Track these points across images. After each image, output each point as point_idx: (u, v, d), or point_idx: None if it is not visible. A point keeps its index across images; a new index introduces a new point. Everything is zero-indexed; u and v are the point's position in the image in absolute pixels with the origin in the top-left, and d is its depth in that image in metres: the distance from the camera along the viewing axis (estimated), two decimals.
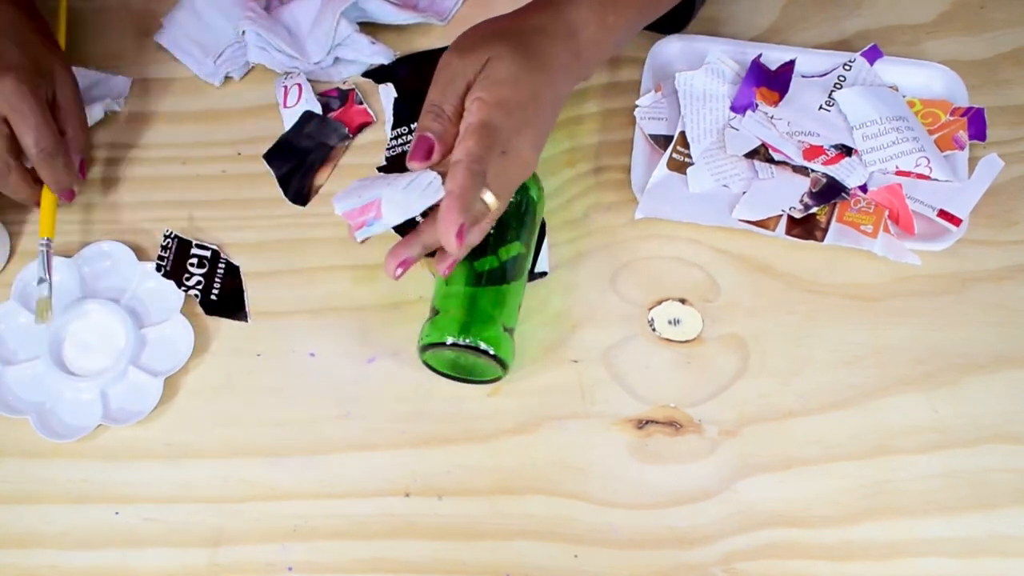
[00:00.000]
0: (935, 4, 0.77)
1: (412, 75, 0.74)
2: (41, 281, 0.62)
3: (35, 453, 0.61)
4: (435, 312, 0.60)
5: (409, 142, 0.71)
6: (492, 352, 0.58)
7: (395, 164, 0.70)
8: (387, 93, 0.73)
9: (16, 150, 0.62)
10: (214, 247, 0.67)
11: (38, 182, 0.64)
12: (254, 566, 0.58)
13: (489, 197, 0.55)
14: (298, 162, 0.70)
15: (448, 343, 0.58)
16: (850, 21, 0.76)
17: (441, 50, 0.75)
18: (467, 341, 0.57)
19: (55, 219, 0.65)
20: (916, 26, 0.76)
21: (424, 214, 0.56)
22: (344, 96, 0.72)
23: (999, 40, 0.75)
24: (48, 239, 0.64)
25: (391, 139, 0.71)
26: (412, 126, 0.72)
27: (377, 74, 0.74)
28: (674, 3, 0.67)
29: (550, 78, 0.57)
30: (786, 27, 0.76)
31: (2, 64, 0.59)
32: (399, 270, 0.57)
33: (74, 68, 0.74)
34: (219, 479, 0.61)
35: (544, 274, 0.65)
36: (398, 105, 0.72)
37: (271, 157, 0.70)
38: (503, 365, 0.59)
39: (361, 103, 0.72)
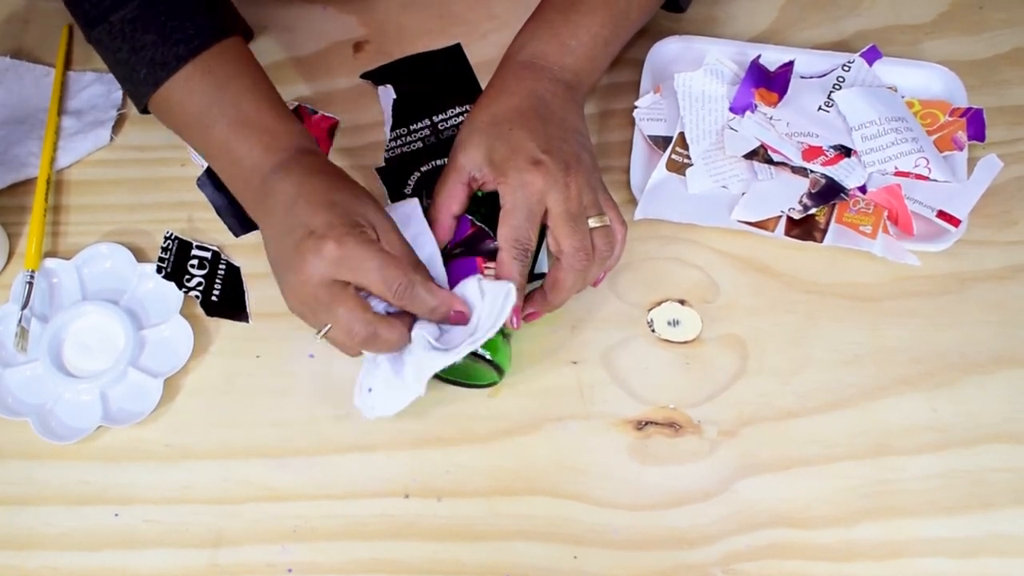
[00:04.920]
0: (934, 4, 0.77)
1: (411, 76, 0.74)
2: (22, 311, 0.63)
3: (35, 455, 0.61)
4: None
5: (408, 143, 0.71)
6: (488, 357, 0.58)
7: (394, 165, 0.70)
8: (386, 94, 0.73)
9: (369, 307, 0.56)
10: (215, 248, 0.67)
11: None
12: (254, 567, 0.58)
13: (594, 221, 0.59)
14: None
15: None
16: (849, 21, 0.76)
17: (441, 50, 0.75)
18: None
19: (41, 251, 0.66)
20: (915, 26, 0.76)
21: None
22: (296, 115, 0.70)
23: (998, 40, 0.75)
24: (32, 271, 0.64)
25: (390, 140, 0.71)
26: (411, 127, 0.72)
27: (376, 75, 0.74)
28: (647, 10, 0.68)
29: (542, 114, 0.60)
30: (785, 27, 0.76)
31: (316, 235, 0.53)
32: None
33: (71, 72, 0.74)
34: (219, 480, 0.61)
35: (544, 275, 0.65)
36: (397, 106, 0.72)
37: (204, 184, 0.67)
38: (499, 371, 0.59)
39: (315, 112, 0.72)
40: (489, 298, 0.56)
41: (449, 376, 0.62)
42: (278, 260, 0.57)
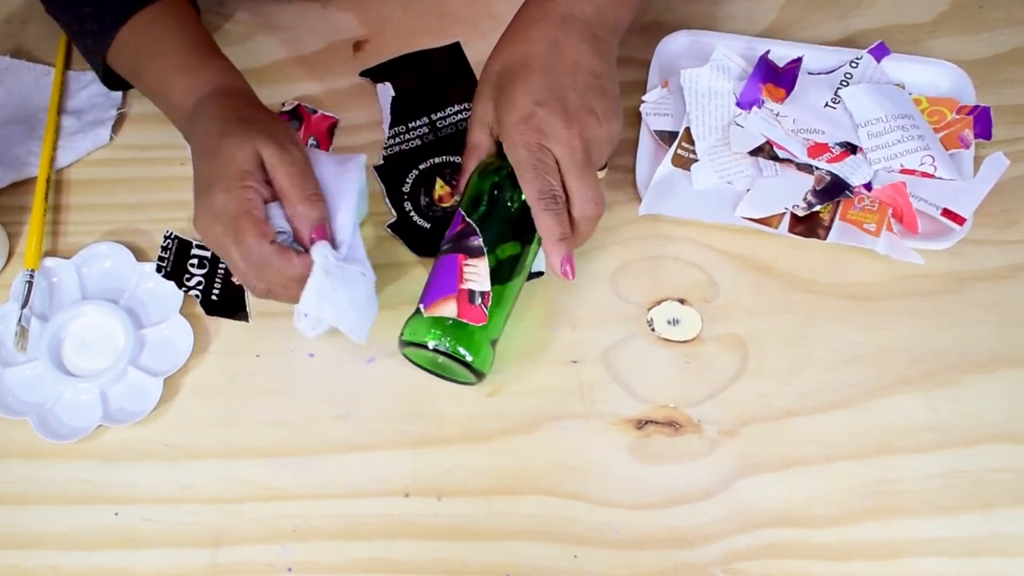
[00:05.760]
0: (934, 4, 0.77)
1: (409, 74, 0.74)
2: (22, 310, 0.63)
3: (35, 454, 0.61)
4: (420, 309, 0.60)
5: (407, 141, 0.71)
6: (469, 360, 0.58)
7: (393, 163, 0.70)
8: (385, 92, 0.73)
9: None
10: None
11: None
12: (254, 566, 0.58)
13: (601, 174, 0.60)
14: None
15: (430, 347, 0.58)
16: (849, 21, 0.76)
17: (440, 48, 0.75)
18: (447, 348, 0.57)
19: (41, 250, 0.66)
20: (915, 25, 0.76)
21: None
22: (296, 114, 0.72)
23: (998, 39, 0.75)
24: (32, 271, 0.64)
25: (388, 138, 0.71)
26: (409, 124, 0.72)
27: (375, 73, 0.74)
28: None
29: (548, 62, 0.59)
30: (785, 27, 0.76)
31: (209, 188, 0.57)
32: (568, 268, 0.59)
33: (71, 71, 0.74)
34: (219, 479, 0.61)
35: (541, 274, 0.65)
36: (396, 104, 0.72)
37: None
38: (478, 375, 0.59)
39: (315, 111, 0.72)
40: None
41: (430, 367, 0.62)
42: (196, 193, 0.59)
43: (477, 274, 0.58)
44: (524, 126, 0.57)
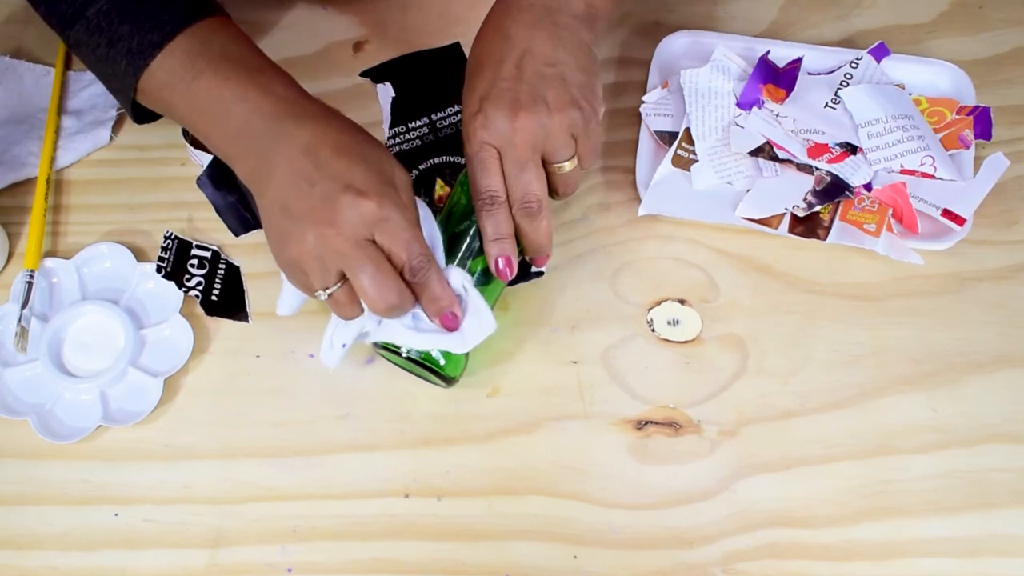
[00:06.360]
0: (934, 4, 0.77)
1: (410, 74, 0.74)
2: (22, 310, 0.63)
3: (35, 454, 0.61)
4: None
5: (407, 141, 0.71)
6: (441, 365, 0.58)
7: None
8: (385, 92, 0.73)
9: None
10: (215, 248, 0.67)
11: None
12: (253, 567, 0.58)
13: (567, 165, 0.57)
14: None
15: (403, 353, 0.58)
16: (849, 21, 0.76)
17: (439, 49, 0.75)
18: (418, 355, 0.57)
19: (41, 251, 0.66)
20: (915, 26, 0.76)
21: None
22: None
23: (998, 40, 0.75)
24: (32, 271, 0.64)
25: (388, 138, 0.71)
26: (409, 125, 0.72)
27: (375, 73, 0.74)
28: None
29: (500, 55, 0.57)
30: (784, 27, 0.76)
31: (354, 190, 0.52)
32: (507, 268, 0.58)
33: (71, 71, 0.74)
34: (218, 480, 0.61)
35: (541, 274, 0.65)
36: (396, 104, 0.72)
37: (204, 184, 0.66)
38: (448, 381, 0.59)
39: None
40: (470, 310, 0.56)
41: (403, 365, 0.62)
42: (297, 209, 0.53)
43: None
44: (471, 123, 0.56)
